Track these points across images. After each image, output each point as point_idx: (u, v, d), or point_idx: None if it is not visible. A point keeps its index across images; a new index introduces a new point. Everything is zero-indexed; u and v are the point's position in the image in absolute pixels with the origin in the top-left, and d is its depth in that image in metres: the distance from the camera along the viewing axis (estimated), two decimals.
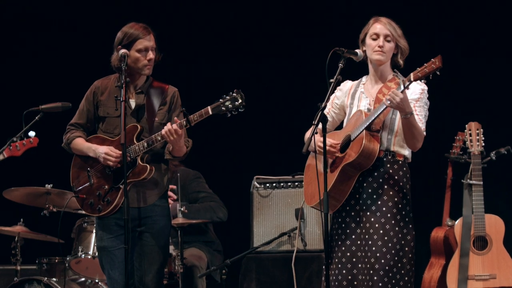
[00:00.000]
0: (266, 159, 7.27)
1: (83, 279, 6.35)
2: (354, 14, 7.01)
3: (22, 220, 6.30)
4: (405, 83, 4.31)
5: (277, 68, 7.53)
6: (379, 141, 4.49)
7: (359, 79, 4.75)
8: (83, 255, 6.12)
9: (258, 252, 6.03)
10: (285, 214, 6.07)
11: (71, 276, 6.38)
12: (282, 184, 6.11)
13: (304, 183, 4.82)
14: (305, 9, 7.56)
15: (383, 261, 4.42)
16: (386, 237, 4.44)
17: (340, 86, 4.76)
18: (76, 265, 6.22)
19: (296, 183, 6.07)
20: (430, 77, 4.26)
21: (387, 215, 4.48)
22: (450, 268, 5.62)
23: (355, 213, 4.55)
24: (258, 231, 6.10)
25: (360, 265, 4.49)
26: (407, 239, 4.49)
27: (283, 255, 5.96)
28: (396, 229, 4.47)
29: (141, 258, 4.80)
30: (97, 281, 6.25)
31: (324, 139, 4.37)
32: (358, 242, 4.52)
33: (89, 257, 6.12)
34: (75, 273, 6.30)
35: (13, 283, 6.07)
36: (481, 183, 5.63)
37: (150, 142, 4.72)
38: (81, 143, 4.87)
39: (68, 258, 6.19)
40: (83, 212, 5.05)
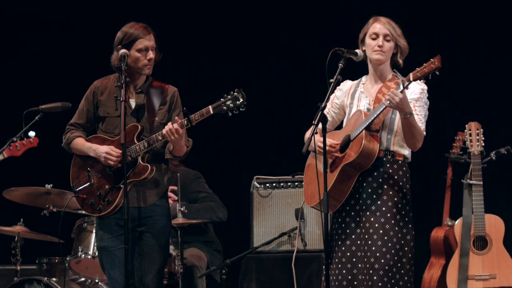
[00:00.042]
0: (266, 159, 7.26)
1: (83, 279, 6.35)
2: (354, 14, 7.00)
3: (22, 220, 6.30)
4: (404, 83, 4.31)
5: (277, 68, 7.53)
6: (378, 141, 4.48)
7: (359, 79, 4.75)
8: (83, 255, 6.12)
9: (258, 252, 6.03)
10: (285, 214, 6.07)
11: (71, 276, 6.38)
12: (282, 184, 6.11)
13: (304, 183, 4.82)
14: (305, 9, 7.56)
15: (382, 261, 4.41)
16: (385, 237, 4.44)
17: (340, 86, 4.75)
18: (76, 265, 6.22)
19: (296, 183, 6.07)
20: (429, 77, 4.25)
21: (386, 215, 4.47)
22: (450, 268, 5.62)
23: (355, 213, 4.55)
24: (258, 231, 6.10)
25: (360, 265, 4.49)
26: (406, 238, 4.48)
27: (283, 255, 5.95)
28: (395, 228, 4.46)
29: (141, 258, 4.79)
30: (97, 281, 6.25)
31: (324, 139, 4.37)
32: (358, 242, 4.51)
33: (89, 257, 6.12)
34: (75, 273, 6.29)
35: (13, 283, 6.07)
36: (481, 183, 5.63)
37: (150, 142, 4.71)
38: (81, 143, 4.86)
39: (68, 258, 6.18)
40: (83, 212, 5.05)
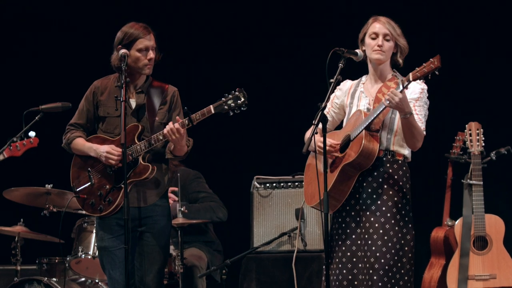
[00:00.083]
0: (266, 159, 7.26)
1: (83, 279, 6.34)
2: (354, 14, 7.00)
3: (22, 220, 6.30)
4: (404, 83, 4.31)
5: (277, 68, 7.53)
6: (378, 141, 4.48)
7: (359, 79, 4.75)
8: (83, 255, 6.12)
9: (258, 252, 6.03)
10: (285, 214, 6.07)
11: (71, 276, 6.38)
12: (282, 184, 6.11)
13: (304, 183, 4.82)
14: (305, 9, 7.56)
15: (382, 260, 4.41)
16: (385, 237, 4.44)
17: (340, 86, 4.75)
18: (76, 265, 6.22)
19: (296, 183, 6.07)
20: (429, 77, 4.25)
21: (386, 215, 4.47)
22: (450, 268, 5.62)
23: (355, 213, 4.55)
24: (258, 231, 6.10)
25: (360, 265, 4.49)
26: (406, 238, 4.48)
27: (283, 255, 5.95)
28: (395, 228, 4.46)
29: (141, 258, 4.79)
30: (97, 281, 6.25)
31: (324, 139, 4.37)
32: (358, 242, 4.51)
33: (89, 257, 6.11)
34: (75, 273, 6.29)
35: (13, 283, 6.06)
36: (481, 183, 5.63)
37: (151, 142, 4.71)
38: (81, 143, 4.86)
39: (68, 258, 6.18)
40: (83, 212, 5.05)
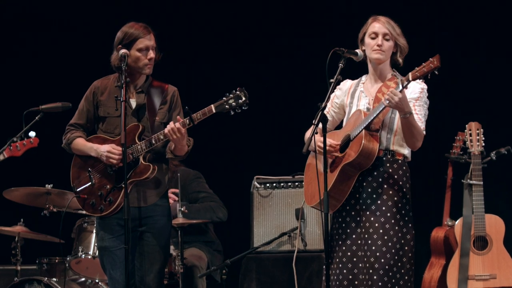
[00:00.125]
0: (266, 159, 7.26)
1: (83, 279, 6.34)
2: (354, 14, 7.00)
3: (22, 220, 6.29)
4: (403, 82, 4.31)
5: (277, 68, 7.53)
6: (378, 141, 4.48)
7: (359, 78, 4.75)
8: (83, 255, 6.11)
9: (258, 252, 6.03)
10: (285, 214, 6.07)
11: (71, 276, 6.37)
12: (282, 184, 6.11)
13: (304, 183, 4.81)
14: (305, 9, 7.56)
15: (382, 260, 4.41)
16: (385, 236, 4.43)
17: (340, 85, 4.75)
18: (76, 265, 6.21)
19: (296, 183, 6.07)
20: (428, 76, 4.25)
21: (386, 215, 4.47)
22: (450, 268, 5.62)
23: (355, 212, 4.55)
24: (258, 231, 6.10)
25: (360, 265, 4.48)
26: (406, 238, 4.48)
27: (283, 255, 5.96)
28: (395, 228, 4.46)
29: (142, 258, 4.79)
30: (97, 281, 6.24)
31: (324, 139, 4.37)
32: (359, 242, 4.51)
33: (89, 257, 6.11)
34: (75, 273, 6.29)
35: (13, 283, 6.06)
36: (481, 183, 5.63)
37: (152, 141, 4.71)
38: (82, 143, 4.86)
39: (68, 258, 6.18)
40: (84, 212, 5.05)
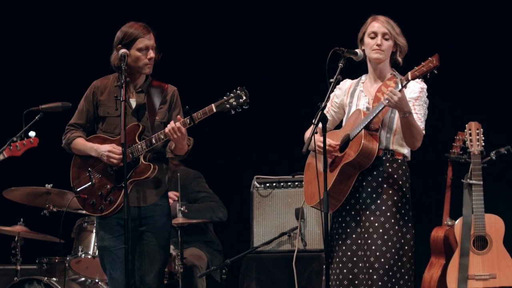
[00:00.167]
0: (266, 159, 7.26)
1: (83, 279, 6.35)
2: (354, 14, 6.99)
3: (22, 220, 6.30)
4: (402, 82, 4.31)
5: (277, 68, 7.53)
6: (378, 140, 4.48)
7: (358, 78, 4.75)
8: (83, 255, 6.11)
9: (258, 252, 6.03)
10: (285, 214, 6.07)
11: (71, 276, 6.38)
12: (282, 184, 6.11)
13: (304, 182, 4.81)
14: (305, 9, 7.56)
15: (382, 260, 4.41)
16: (385, 236, 4.43)
17: (340, 85, 4.75)
18: (76, 265, 6.21)
19: (296, 183, 6.07)
20: (427, 76, 4.25)
21: (386, 214, 4.47)
22: (450, 268, 5.62)
23: (355, 212, 4.55)
24: (258, 231, 6.10)
25: (361, 264, 4.48)
26: (406, 237, 4.48)
27: (283, 255, 5.95)
28: (395, 228, 4.46)
29: (142, 257, 4.79)
30: (97, 281, 6.25)
31: (324, 139, 4.37)
32: (359, 241, 4.51)
33: (89, 257, 6.11)
34: (75, 273, 6.29)
35: (13, 283, 6.07)
36: (481, 183, 5.63)
37: (152, 141, 4.71)
38: (82, 143, 4.86)
39: (68, 258, 6.18)
40: (83, 212, 5.05)
